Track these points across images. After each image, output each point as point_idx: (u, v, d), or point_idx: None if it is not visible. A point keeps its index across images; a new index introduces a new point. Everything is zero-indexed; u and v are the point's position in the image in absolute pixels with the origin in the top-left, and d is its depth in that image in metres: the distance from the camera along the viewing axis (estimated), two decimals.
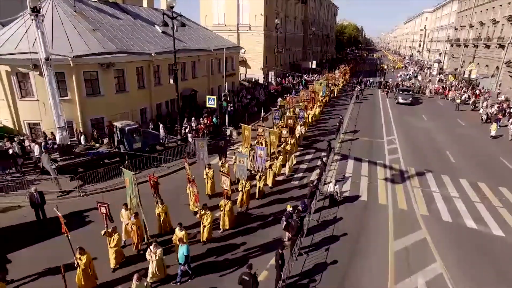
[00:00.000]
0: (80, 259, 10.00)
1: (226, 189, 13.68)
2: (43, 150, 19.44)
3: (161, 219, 13.17)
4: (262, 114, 29.71)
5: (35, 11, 15.89)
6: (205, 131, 25.30)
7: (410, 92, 43.07)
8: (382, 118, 34.07)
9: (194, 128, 24.98)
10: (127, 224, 12.26)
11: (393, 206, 16.21)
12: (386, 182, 18.96)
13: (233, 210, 13.93)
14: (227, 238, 13.32)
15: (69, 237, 10.18)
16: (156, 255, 10.29)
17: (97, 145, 20.98)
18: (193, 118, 26.51)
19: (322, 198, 16.40)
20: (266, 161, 17.89)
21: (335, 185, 16.04)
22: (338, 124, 27.20)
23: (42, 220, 14.04)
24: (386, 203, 16.55)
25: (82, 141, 21.17)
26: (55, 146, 19.49)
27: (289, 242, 12.32)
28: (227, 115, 27.33)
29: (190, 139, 22.80)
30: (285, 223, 12.65)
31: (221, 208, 13.48)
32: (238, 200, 15.09)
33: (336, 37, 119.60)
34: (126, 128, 20.01)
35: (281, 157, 19.30)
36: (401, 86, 48.90)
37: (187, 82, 31.96)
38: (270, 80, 50.62)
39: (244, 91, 40.19)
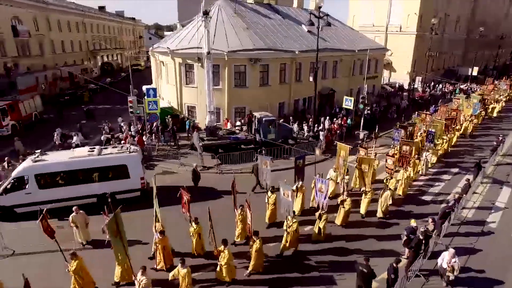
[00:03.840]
0: (72, 264, 9.49)
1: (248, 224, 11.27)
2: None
3: (194, 241, 11.67)
4: (362, 133, 25.03)
5: (206, 13, 19.13)
6: (338, 131, 25.10)
7: None
8: None
9: (327, 127, 25.08)
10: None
11: None
12: None
13: (262, 252, 11.05)
14: (254, 283, 10.92)
15: (58, 243, 9.93)
16: (140, 285, 8.96)
17: (237, 131, 23.43)
18: (327, 117, 26.64)
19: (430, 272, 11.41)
20: (343, 195, 14.32)
21: (453, 257, 10.31)
22: (496, 144, 22.62)
23: (196, 188, 16.69)
24: None
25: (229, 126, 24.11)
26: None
27: (407, 260, 11.28)
28: (362, 118, 26.37)
29: (321, 137, 23.04)
30: (405, 237, 11.61)
31: (250, 247, 11.20)
32: (283, 242, 12.03)
33: None
34: (263, 119, 21.71)
35: (370, 193, 14.77)
36: None
37: (327, 81, 32.17)
38: (416, 86, 46.04)
39: (373, 97, 37.13)
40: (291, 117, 25.89)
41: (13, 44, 40.13)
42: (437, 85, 48.77)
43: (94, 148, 15.67)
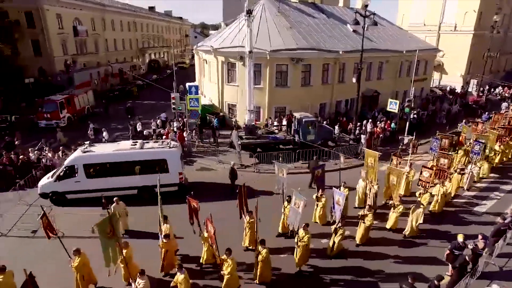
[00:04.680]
0: (75, 261, 9.66)
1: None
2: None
3: (204, 249, 11.14)
4: (407, 138, 22.76)
5: (249, 12, 19.25)
6: (381, 136, 24.11)
7: None
8: None
9: (370, 130, 24.16)
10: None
11: None
12: None
13: (268, 262, 10.36)
14: None
15: (61, 240, 10.08)
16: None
17: (276, 131, 23.30)
18: (369, 120, 25.68)
19: None
20: (363, 209, 12.84)
21: None
22: None
23: (233, 187, 16.70)
24: None
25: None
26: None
27: (451, 278, 10.45)
28: (407, 123, 25.06)
29: (362, 141, 22.27)
30: (448, 251, 10.76)
31: (255, 255, 10.43)
32: (295, 257, 11.14)
33: None
34: (303, 120, 21.38)
35: (401, 207, 13.22)
36: None
37: (371, 83, 31.02)
38: (470, 90, 42.93)
39: (419, 101, 34.62)
40: (319, 117, 25.38)
41: (73, 42, 43.58)
42: (492, 89, 44.98)
43: (137, 142, 16.40)
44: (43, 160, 18.54)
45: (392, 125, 25.64)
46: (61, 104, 27.23)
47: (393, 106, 23.96)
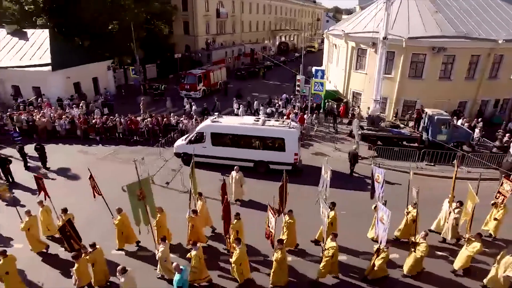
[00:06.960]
0: (117, 219, 10.59)
1: (271, 231, 9.95)
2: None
3: (231, 236, 10.50)
4: None
5: None
6: None
7: None
8: None
9: None
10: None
11: None
12: None
13: (282, 265, 9.43)
14: None
15: (104, 199, 10.71)
16: (157, 254, 9.54)
17: (402, 125, 21.46)
18: None
19: None
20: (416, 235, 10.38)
21: None
22: None
23: (352, 172, 17.00)
24: None
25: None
26: None
27: None
28: None
29: (511, 151, 18.61)
30: None
31: (273, 255, 9.63)
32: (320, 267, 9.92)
33: None
34: (435, 117, 19.10)
35: (477, 246, 9.80)
36: None
37: None
38: None
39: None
40: (479, 123, 21.62)
41: (215, 24, 48.47)
42: None
43: (259, 118, 17.40)
44: (180, 124, 21.47)
45: None
46: (199, 77, 30.79)
47: None
